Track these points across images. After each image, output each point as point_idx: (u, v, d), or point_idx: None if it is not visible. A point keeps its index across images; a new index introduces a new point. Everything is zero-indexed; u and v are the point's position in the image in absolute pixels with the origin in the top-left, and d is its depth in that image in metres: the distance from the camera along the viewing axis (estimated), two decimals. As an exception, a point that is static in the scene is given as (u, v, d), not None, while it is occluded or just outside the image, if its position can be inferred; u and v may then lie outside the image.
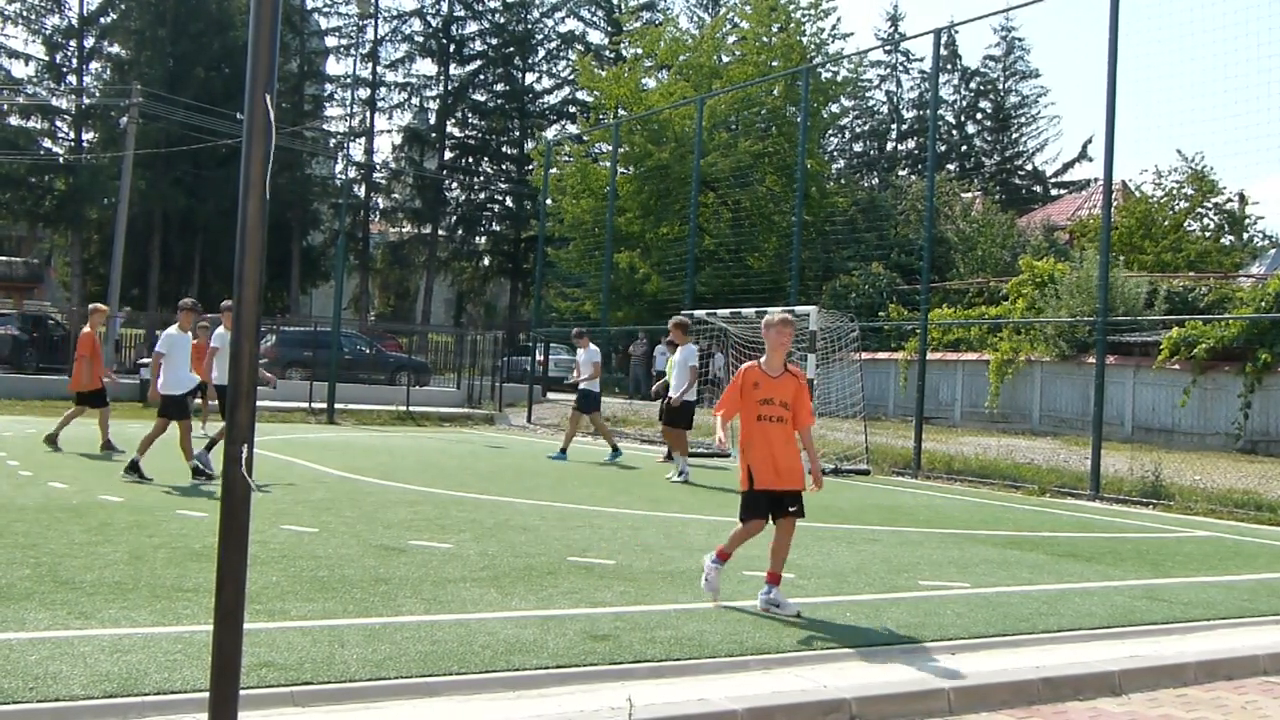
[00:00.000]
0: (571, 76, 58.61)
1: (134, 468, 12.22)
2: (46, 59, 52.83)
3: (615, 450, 18.02)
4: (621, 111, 41.88)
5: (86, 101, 53.07)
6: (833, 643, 6.21)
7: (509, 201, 62.36)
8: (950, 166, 57.92)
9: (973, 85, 65.28)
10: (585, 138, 44.49)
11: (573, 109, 60.06)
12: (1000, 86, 64.80)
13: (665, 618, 6.54)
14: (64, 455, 14.57)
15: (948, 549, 10.08)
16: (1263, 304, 22.12)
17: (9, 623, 5.60)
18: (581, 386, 18.07)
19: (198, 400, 17.74)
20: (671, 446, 16.84)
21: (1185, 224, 35.96)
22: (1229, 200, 36.64)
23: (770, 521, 7.16)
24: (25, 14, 51.91)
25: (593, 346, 18.25)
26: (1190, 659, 6.44)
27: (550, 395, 33.17)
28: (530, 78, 62.79)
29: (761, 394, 7.14)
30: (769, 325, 7.26)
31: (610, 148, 36.30)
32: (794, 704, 5.19)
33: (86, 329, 16.05)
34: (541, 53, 62.78)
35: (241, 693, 4.06)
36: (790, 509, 7.11)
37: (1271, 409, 21.21)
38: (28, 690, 4.57)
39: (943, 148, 61.31)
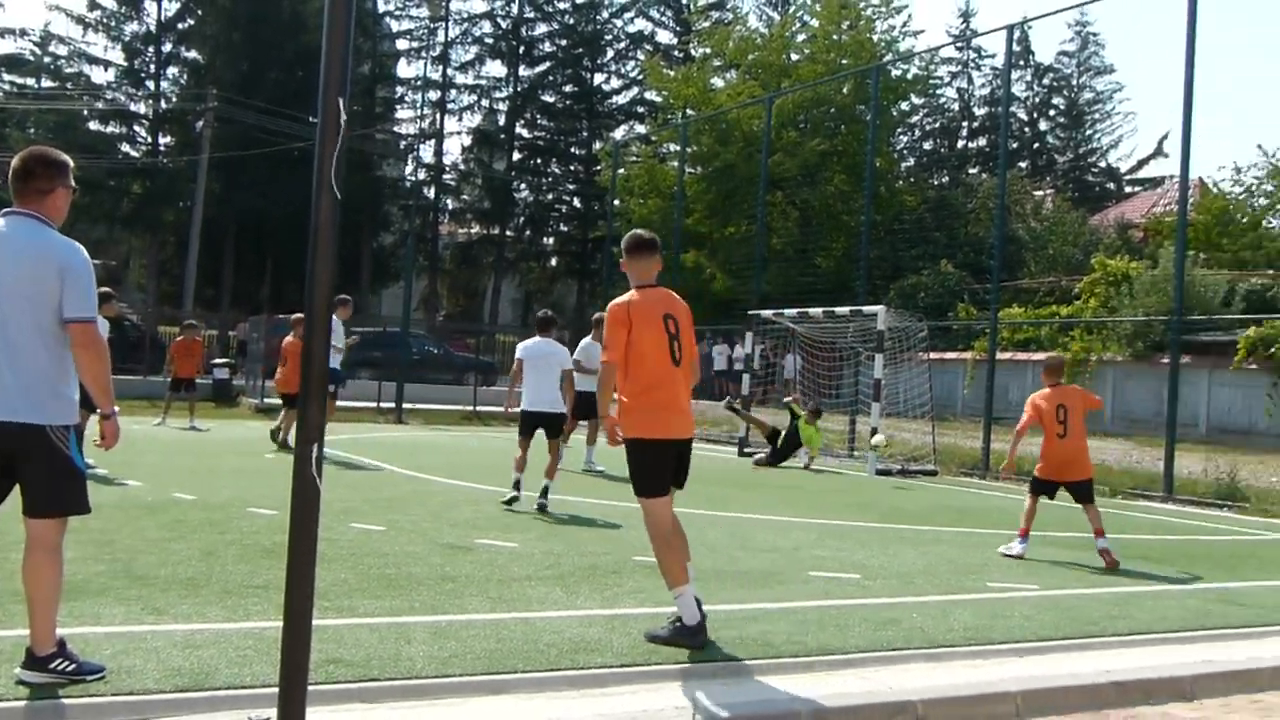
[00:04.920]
0: (640, 77, 58.55)
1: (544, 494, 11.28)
2: (125, 64, 53.86)
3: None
4: (689, 111, 41.87)
5: (163, 106, 54.02)
6: (898, 644, 6.17)
7: (577, 202, 62.52)
8: (1022, 164, 57.23)
9: (1046, 81, 64.42)
10: (653, 138, 44.55)
11: (641, 109, 60.08)
12: (1074, 82, 63.90)
13: (730, 618, 6.53)
14: (148, 454, 14.79)
15: (1017, 551, 9.97)
16: (1344, 302, 21.67)
17: (85, 617, 5.71)
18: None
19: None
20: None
21: (1265, 221, 35.26)
22: (1310, 197, 35.88)
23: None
24: (105, 21, 53.02)
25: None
26: (1265, 664, 6.33)
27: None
28: (599, 78, 62.89)
29: None
30: None
31: (678, 148, 36.32)
32: (858, 705, 5.17)
33: (290, 338, 17.29)
34: (610, 53, 62.84)
35: (310, 688, 4.12)
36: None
37: (1352, 409, 20.76)
38: (102, 683, 4.66)
39: (1014, 145, 60.56)
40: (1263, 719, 5.62)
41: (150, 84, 54.73)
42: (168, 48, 54.79)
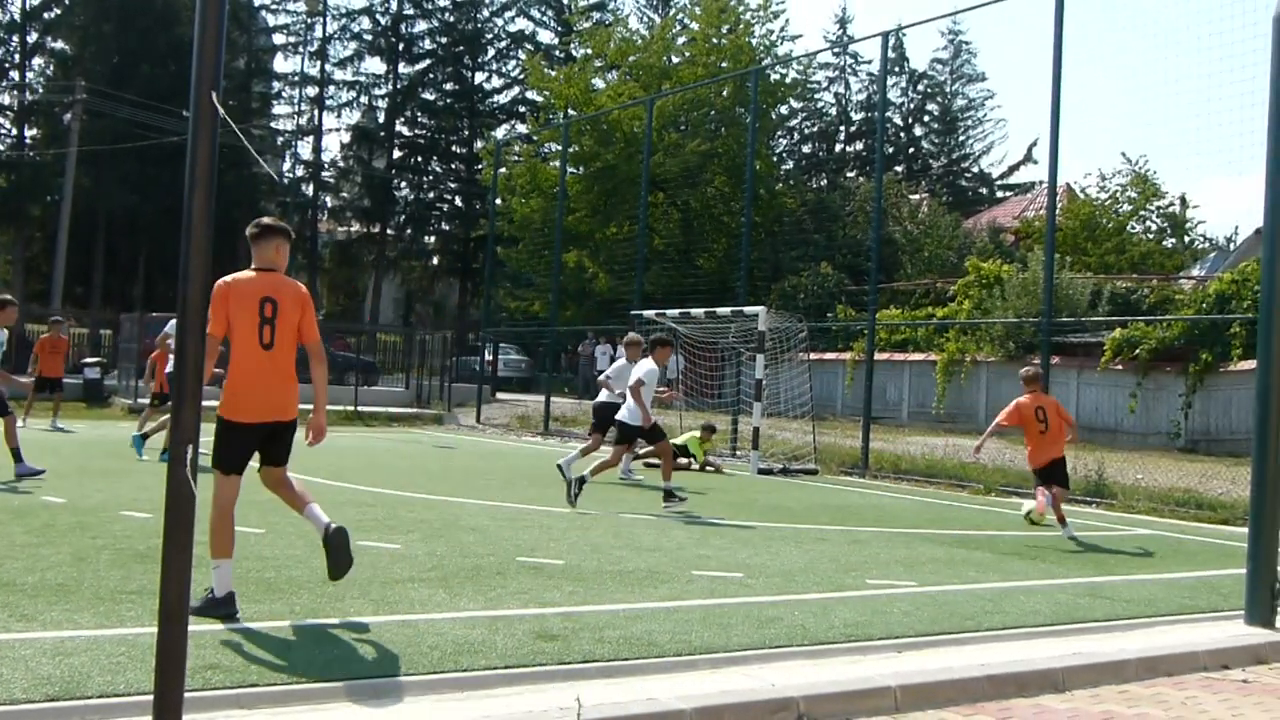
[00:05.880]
0: (521, 76, 58.37)
1: (669, 496, 12.31)
2: (-13, 54, 52.11)
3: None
4: (571, 111, 41.87)
5: (29, 98, 52.36)
6: (781, 642, 6.24)
7: (458, 201, 62.09)
8: (898, 168, 58.28)
9: (920, 88, 65.68)
10: (535, 137, 44.43)
11: (522, 109, 59.84)
12: (947, 89, 65.26)
13: (614, 618, 6.55)
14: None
15: (895, 548, 10.16)
16: (1203, 305, 22.46)
17: (-52, 626, 5.52)
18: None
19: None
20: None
21: (1128, 226, 36.43)
22: (1171, 204, 37.17)
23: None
24: (-35, 10, 51.20)
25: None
26: (1132, 655, 6.53)
27: (500, 395, 33.10)
28: (480, 77, 62.55)
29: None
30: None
31: (559, 147, 36.29)
32: (742, 703, 5.21)
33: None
34: (491, 52, 62.51)
35: (186, 695, 4.04)
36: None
37: (1211, 409, 21.53)
38: (-32, 694, 4.51)
39: (890, 149, 61.63)
40: (1129, 708, 5.80)
41: (14, 74, 53.00)
42: (33, 38, 53.11)
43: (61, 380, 20.57)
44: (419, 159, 62.57)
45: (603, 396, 15.78)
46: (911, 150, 64.92)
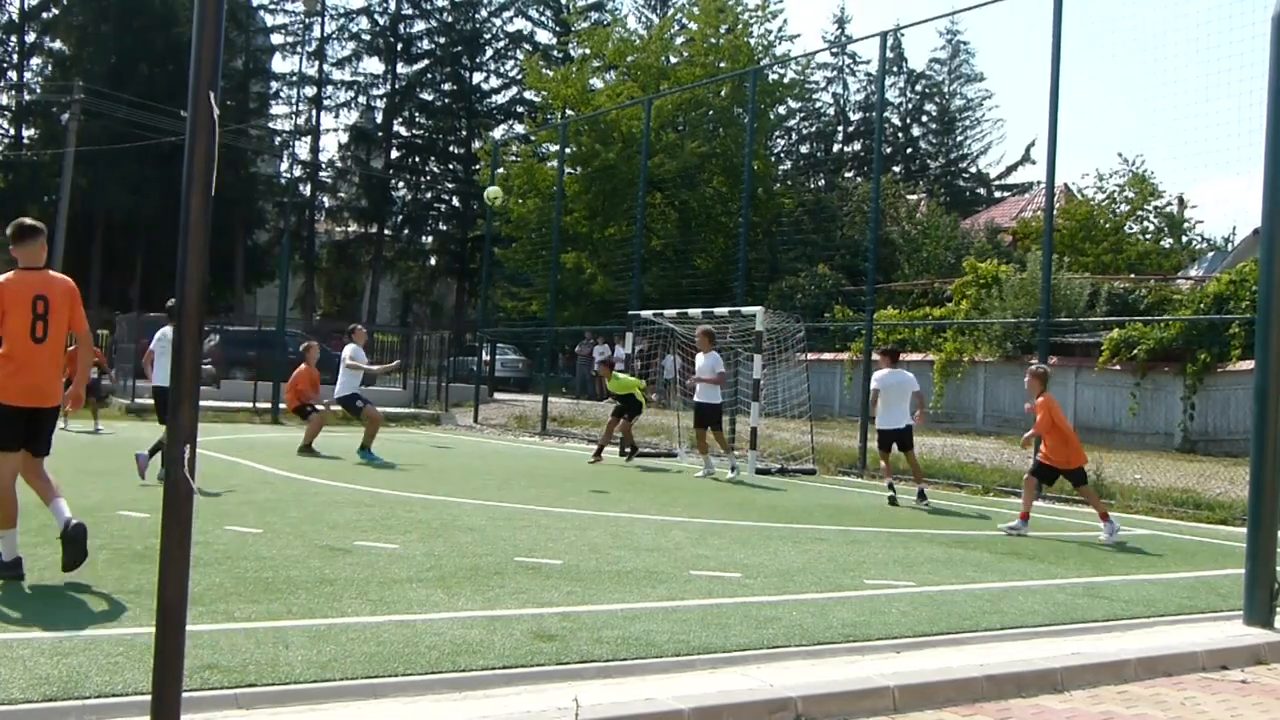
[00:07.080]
0: (519, 76, 58.34)
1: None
2: (-15, 54, 52.11)
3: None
4: (569, 111, 41.85)
5: (27, 98, 52.34)
6: (779, 642, 6.24)
7: (455, 201, 62.08)
8: (896, 169, 58.29)
9: (918, 88, 65.73)
10: (532, 138, 44.42)
11: (520, 109, 59.85)
12: (945, 89, 65.30)
13: (612, 618, 6.54)
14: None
15: (893, 548, 10.16)
16: (1201, 306, 22.45)
17: (-55, 626, 5.52)
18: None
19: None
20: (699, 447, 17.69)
21: (1126, 226, 36.42)
22: (1168, 204, 37.15)
23: None
24: (-37, 10, 51.19)
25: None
26: (1131, 656, 6.53)
27: (497, 395, 33.08)
28: (478, 77, 62.54)
29: None
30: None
31: (557, 148, 36.28)
32: (740, 703, 5.21)
33: (303, 366, 19.06)
34: (489, 52, 62.51)
35: (184, 695, 4.03)
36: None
37: (1210, 409, 21.52)
38: (-35, 694, 4.50)
39: (888, 150, 61.64)
40: (1128, 708, 5.80)
41: (12, 74, 52.98)
42: (31, 38, 53.08)
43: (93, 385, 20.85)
44: (417, 159, 62.56)
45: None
46: (909, 150, 64.94)
